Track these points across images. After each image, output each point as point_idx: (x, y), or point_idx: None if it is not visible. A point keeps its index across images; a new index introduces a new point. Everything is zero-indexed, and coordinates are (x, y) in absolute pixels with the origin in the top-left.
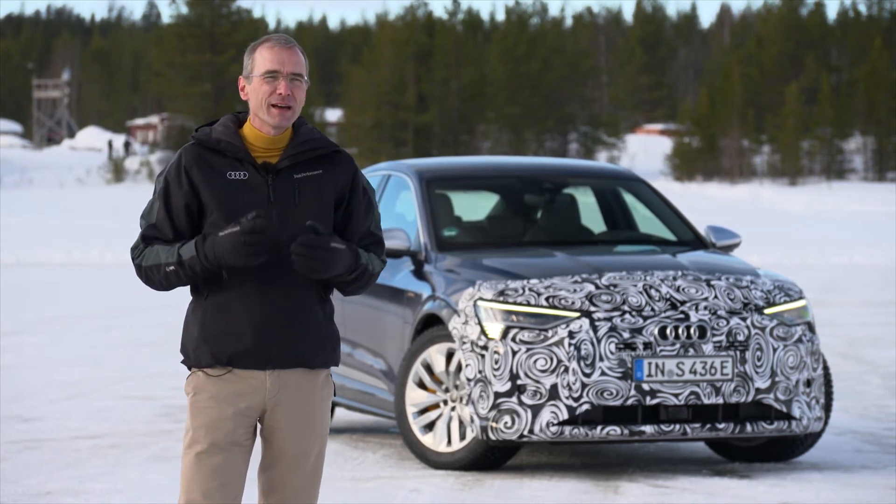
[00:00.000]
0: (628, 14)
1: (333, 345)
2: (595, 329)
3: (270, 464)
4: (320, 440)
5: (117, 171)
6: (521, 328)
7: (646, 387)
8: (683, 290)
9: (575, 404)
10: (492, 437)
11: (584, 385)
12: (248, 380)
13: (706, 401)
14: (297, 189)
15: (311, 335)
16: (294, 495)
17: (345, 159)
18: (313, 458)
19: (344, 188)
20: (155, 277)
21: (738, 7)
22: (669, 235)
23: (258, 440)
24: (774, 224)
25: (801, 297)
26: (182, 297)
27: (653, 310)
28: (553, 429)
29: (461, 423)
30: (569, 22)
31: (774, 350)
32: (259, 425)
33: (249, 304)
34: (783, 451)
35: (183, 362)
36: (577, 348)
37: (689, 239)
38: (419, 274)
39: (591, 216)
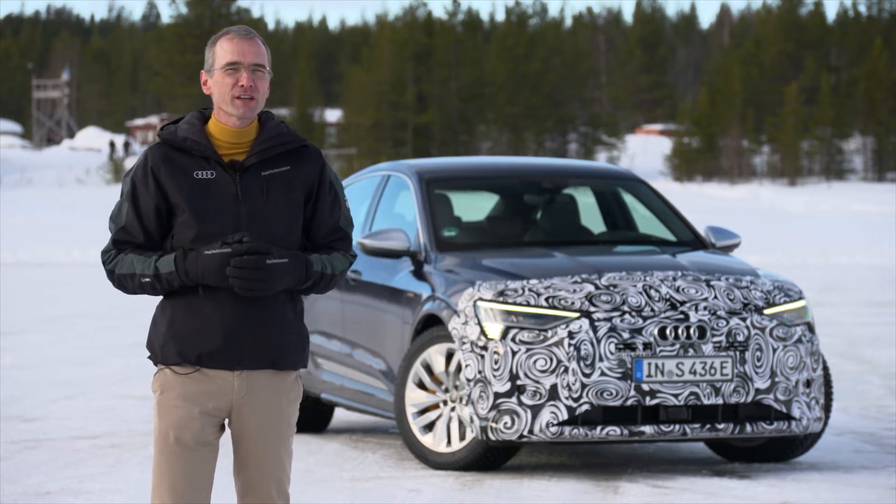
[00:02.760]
0: (628, 14)
1: (303, 345)
2: (595, 329)
3: (241, 467)
4: (284, 442)
5: (117, 172)
6: (521, 328)
7: (645, 387)
8: (683, 290)
9: (575, 404)
10: (491, 437)
11: (583, 385)
12: (216, 379)
13: (706, 401)
14: (265, 186)
15: (281, 336)
16: (267, 497)
17: (312, 153)
18: (277, 459)
19: (312, 183)
20: (129, 285)
21: (737, 7)
22: (669, 236)
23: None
24: (774, 224)
25: (800, 298)
26: None
27: (652, 310)
28: (553, 429)
29: (461, 423)
30: (568, 22)
31: (774, 350)
32: (228, 427)
33: (220, 304)
34: (783, 451)
35: (149, 358)
36: (577, 349)
37: (689, 239)
38: (419, 274)
39: (591, 216)
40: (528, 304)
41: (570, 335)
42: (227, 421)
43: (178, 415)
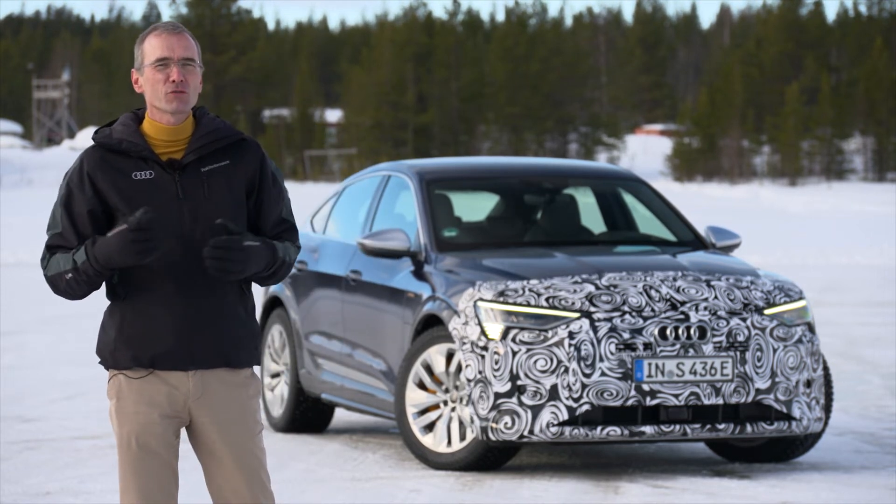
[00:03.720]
0: (628, 14)
1: (255, 342)
2: (595, 329)
3: (214, 474)
4: (254, 438)
5: None
6: (521, 329)
7: (646, 387)
8: (683, 290)
9: (575, 405)
10: (492, 437)
11: (584, 385)
12: (170, 381)
13: (706, 401)
14: (205, 183)
15: (233, 334)
16: (251, 497)
17: (251, 146)
18: (251, 456)
19: (253, 176)
20: (60, 286)
21: (737, 7)
22: (669, 236)
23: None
24: (774, 224)
25: (801, 298)
26: None
27: (653, 310)
28: (553, 429)
29: (461, 423)
30: (568, 22)
31: (774, 350)
32: (189, 435)
33: (169, 305)
34: (783, 451)
35: (100, 363)
36: (577, 349)
37: (689, 239)
38: (419, 274)
39: (591, 217)
40: (529, 305)
41: (571, 335)
42: (185, 428)
43: (139, 421)
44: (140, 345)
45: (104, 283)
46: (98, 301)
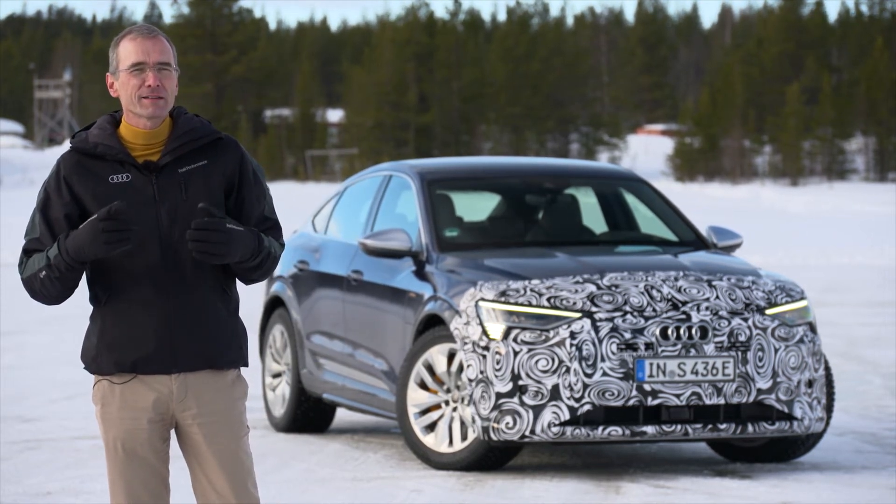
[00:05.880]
0: (629, 14)
1: (240, 342)
2: (596, 329)
3: (196, 473)
4: (239, 441)
5: None
6: (523, 329)
7: (647, 387)
8: (685, 290)
9: (576, 405)
10: (493, 437)
11: (585, 385)
12: (154, 385)
13: (708, 401)
14: (183, 184)
15: (215, 334)
16: (228, 499)
17: (229, 144)
18: (236, 459)
19: (232, 175)
20: (35, 286)
21: (738, 7)
22: (671, 236)
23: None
24: (776, 224)
25: (802, 298)
26: None
27: (654, 310)
28: (554, 429)
29: (462, 423)
30: (570, 22)
31: (776, 350)
32: (177, 435)
33: (149, 308)
34: (784, 451)
35: (85, 369)
36: (579, 349)
37: (691, 239)
38: (420, 274)
39: (593, 216)
40: (530, 305)
41: (572, 335)
42: (174, 430)
43: (124, 427)
44: (121, 350)
45: (87, 289)
46: None
